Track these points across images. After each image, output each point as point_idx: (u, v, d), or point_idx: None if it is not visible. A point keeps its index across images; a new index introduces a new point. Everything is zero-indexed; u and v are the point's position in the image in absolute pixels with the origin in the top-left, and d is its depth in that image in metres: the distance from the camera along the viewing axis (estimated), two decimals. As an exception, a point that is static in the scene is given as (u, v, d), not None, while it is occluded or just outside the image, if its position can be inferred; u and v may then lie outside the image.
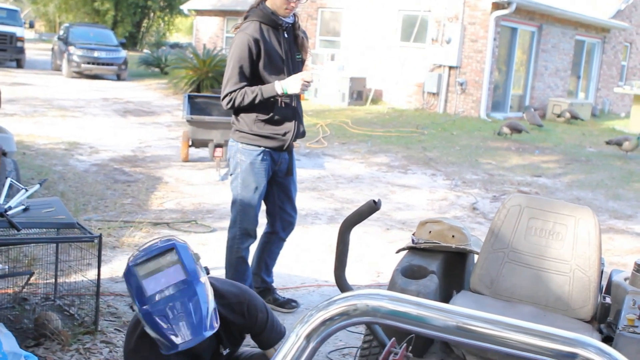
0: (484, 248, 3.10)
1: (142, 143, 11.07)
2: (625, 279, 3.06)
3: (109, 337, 4.04)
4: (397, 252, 3.30)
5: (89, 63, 22.36)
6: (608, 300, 3.06)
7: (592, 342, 1.31)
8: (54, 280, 4.47)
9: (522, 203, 3.10)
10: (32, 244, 4.55)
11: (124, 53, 23.67)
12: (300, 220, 7.14)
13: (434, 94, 18.27)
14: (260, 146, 4.25)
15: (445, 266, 3.12)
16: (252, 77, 4.16)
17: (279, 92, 4.09)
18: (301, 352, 1.20)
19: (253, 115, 4.20)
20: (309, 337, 1.21)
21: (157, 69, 25.21)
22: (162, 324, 2.45)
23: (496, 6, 17.14)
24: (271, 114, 4.21)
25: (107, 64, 22.70)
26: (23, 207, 3.99)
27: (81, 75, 22.53)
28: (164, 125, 13.35)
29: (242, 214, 4.42)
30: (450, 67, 17.93)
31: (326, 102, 18.41)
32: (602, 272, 3.34)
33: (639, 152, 13.54)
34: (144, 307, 2.48)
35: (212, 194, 8.03)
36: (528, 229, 3.06)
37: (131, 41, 42.12)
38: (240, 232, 4.47)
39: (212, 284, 2.64)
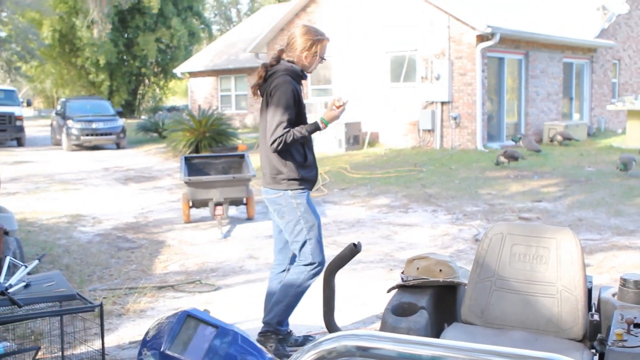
0: (471, 279, 3.15)
1: (144, 209, 11.18)
2: (614, 295, 3.10)
3: (119, 405, 4.07)
4: (388, 291, 3.36)
5: (87, 135, 22.67)
6: (596, 317, 3.10)
7: (560, 358, 1.36)
8: (60, 353, 4.51)
9: (503, 231, 3.16)
10: (36, 319, 4.60)
11: (121, 122, 24.00)
12: (303, 269, 7.20)
13: (429, 130, 18.42)
14: (305, 188, 4.65)
15: (435, 301, 3.17)
16: (295, 121, 4.59)
17: (321, 125, 4.56)
18: None
19: (297, 161, 4.59)
20: None
21: (155, 134, 25.51)
22: None
23: (481, 38, 17.39)
24: (304, 160, 4.64)
25: (106, 134, 23.00)
26: (24, 283, 4.07)
27: (81, 147, 22.81)
28: (165, 189, 13.48)
29: (314, 251, 4.68)
30: (443, 103, 18.11)
31: (323, 149, 18.57)
32: (590, 290, 3.39)
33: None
34: None
35: (215, 252, 8.09)
36: (512, 255, 3.12)
37: (128, 109, 42.69)
38: (314, 267, 4.72)
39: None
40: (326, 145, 18.69)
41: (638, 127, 18.02)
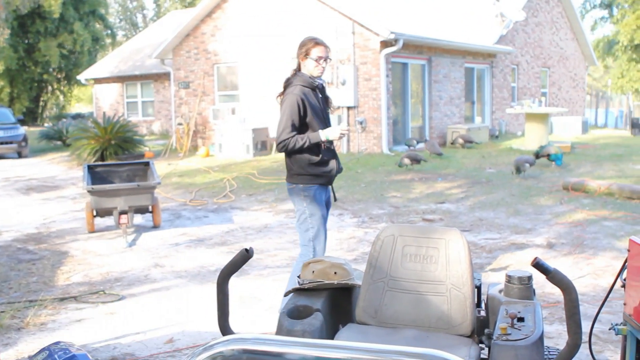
0: (364, 280, 3.24)
1: (46, 219, 10.89)
2: (500, 291, 3.25)
3: (17, 421, 3.97)
4: (285, 295, 3.42)
5: (-14, 144, 21.89)
6: (482, 313, 3.23)
7: (436, 353, 1.43)
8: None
9: (395, 232, 3.27)
10: None
11: (22, 130, 23.28)
12: (210, 276, 7.21)
13: (336, 135, 18.61)
14: (314, 183, 5.29)
15: (331, 302, 3.24)
16: (300, 126, 5.22)
17: (322, 139, 5.19)
18: None
19: (306, 160, 5.26)
20: None
21: (59, 142, 24.84)
22: None
23: (385, 44, 17.73)
24: (320, 157, 5.27)
25: (6, 143, 22.28)
26: None
27: (-20, 157, 22.02)
28: (68, 199, 13.16)
29: (314, 238, 5.33)
30: (349, 108, 18.36)
31: (231, 155, 18.53)
32: (479, 287, 3.53)
33: (538, 169, 14.13)
34: None
35: (120, 261, 7.97)
36: (403, 256, 3.23)
37: (31, 117, 41.39)
38: (314, 253, 5.35)
39: None
40: (234, 151, 18.65)
41: (536, 129, 18.74)
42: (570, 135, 23.55)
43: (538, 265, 2.38)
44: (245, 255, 2.48)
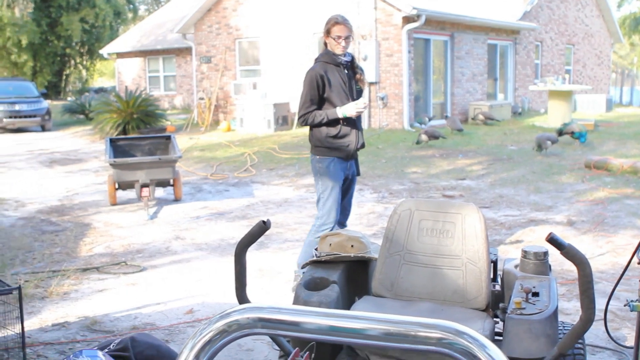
0: (381, 253, 3.27)
1: (69, 191, 11.02)
2: (516, 266, 3.27)
3: (40, 386, 4.07)
4: (302, 267, 3.46)
5: (10, 117, 22.08)
6: (497, 287, 3.25)
7: (451, 325, 1.45)
8: (-19, 337, 4.47)
9: (412, 207, 3.29)
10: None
11: (46, 103, 23.44)
12: (230, 249, 7.27)
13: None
14: (330, 156, 5.48)
15: (347, 275, 3.28)
16: (319, 102, 5.45)
17: (340, 115, 5.38)
18: None
19: (324, 133, 5.48)
20: (197, 357, 1.28)
21: (82, 116, 25.00)
22: None
23: (407, 20, 17.60)
24: (338, 131, 5.47)
25: (30, 116, 22.45)
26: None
27: (5, 130, 22.23)
28: (91, 171, 13.29)
29: (325, 208, 5.52)
30: (370, 83, 18.30)
31: (252, 130, 18.57)
32: (495, 262, 3.55)
33: (560, 147, 14.04)
34: None
35: (141, 234, 8.06)
36: (420, 230, 3.26)
37: (54, 90, 41.66)
38: (322, 222, 5.53)
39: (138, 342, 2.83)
40: (255, 126, 18.69)
41: (559, 107, 18.57)
42: (594, 113, 23.31)
43: (553, 240, 2.39)
44: (263, 227, 2.52)
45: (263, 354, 4.51)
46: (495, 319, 3.15)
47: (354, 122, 5.54)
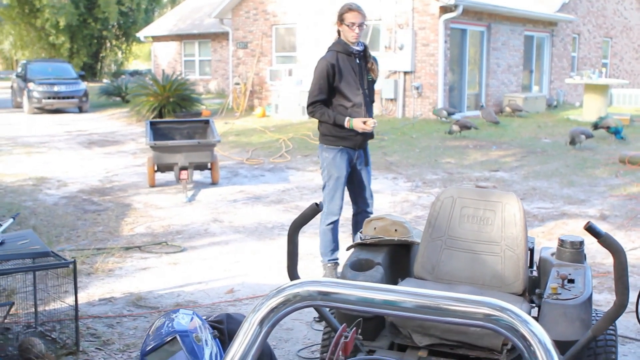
0: (423, 238, 3.42)
1: (109, 172, 11.28)
2: (552, 254, 3.40)
3: (91, 356, 4.27)
4: (347, 249, 3.62)
5: (49, 98, 22.46)
6: (535, 273, 3.37)
7: (497, 302, 1.58)
8: (34, 309, 4.69)
9: (454, 194, 3.43)
10: (10, 275, 4.77)
11: (83, 85, 23.80)
12: (267, 233, 7.45)
13: (391, 99, 18.67)
14: (338, 145, 5.43)
15: (391, 258, 3.44)
16: (329, 91, 5.38)
17: (346, 125, 5.32)
18: (255, 337, 1.36)
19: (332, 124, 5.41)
20: (261, 323, 1.36)
21: (118, 98, 25.35)
22: None
23: (444, 10, 17.61)
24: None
25: (68, 97, 22.82)
26: (-1, 241, 4.24)
27: (43, 110, 22.63)
28: (129, 154, 13.56)
29: (328, 197, 5.54)
30: (405, 73, 18.36)
31: (287, 117, 18.73)
32: (532, 250, 3.68)
33: (595, 141, 14.00)
34: None
35: (180, 215, 8.27)
36: (461, 217, 3.39)
37: (90, 72, 42.16)
38: (327, 212, 5.55)
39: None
40: (290, 112, 18.84)
41: (595, 101, 18.48)
42: (630, 108, 23.11)
43: (590, 229, 2.51)
44: (315, 209, 2.66)
45: (302, 333, 4.68)
46: (531, 304, 3.28)
47: (364, 112, 5.44)
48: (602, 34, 26.56)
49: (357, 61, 5.45)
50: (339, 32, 5.45)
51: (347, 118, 5.29)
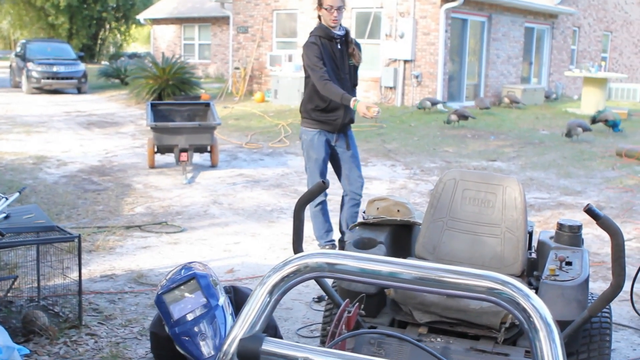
0: (425, 218, 3.49)
1: (108, 153, 11.32)
2: (551, 238, 3.47)
3: (93, 330, 4.34)
4: (350, 228, 3.68)
5: (48, 78, 22.44)
6: (533, 255, 3.44)
7: (499, 276, 1.65)
8: (37, 283, 4.75)
9: (456, 177, 3.50)
10: (15, 249, 4.82)
11: (82, 66, 23.77)
12: (266, 215, 7.51)
13: (391, 87, 18.71)
14: (315, 128, 5.49)
15: (393, 237, 3.51)
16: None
17: (351, 105, 5.20)
18: (265, 306, 1.39)
19: (314, 104, 5.44)
20: (270, 293, 1.39)
21: (117, 80, 25.33)
22: (189, 342, 2.93)
23: (445, -1, 17.64)
24: (327, 104, 5.40)
25: (67, 78, 22.80)
26: (4, 215, 4.29)
27: (41, 90, 22.61)
28: (128, 135, 13.59)
29: (310, 179, 5.64)
30: (405, 61, 18.39)
31: (286, 102, 18.75)
32: (531, 233, 3.75)
33: (593, 134, 14.07)
34: (173, 328, 2.98)
35: (180, 196, 8.33)
36: (463, 199, 3.46)
37: (88, 54, 42.04)
38: None
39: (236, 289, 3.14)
40: (289, 98, 18.86)
41: (593, 94, 18.55)
42: (628, 102, 23.19)
43: (590, 210, 2.57)
44: (322, 186, 2.73)
45: (302, 312, 4.75)
46: (529, 286, 3.35)
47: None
48: (603, 27, 26.60)
49: (339, 46, 5.44)
50: (319, 17, 5.46)
51: (354, 98, 5.18)
